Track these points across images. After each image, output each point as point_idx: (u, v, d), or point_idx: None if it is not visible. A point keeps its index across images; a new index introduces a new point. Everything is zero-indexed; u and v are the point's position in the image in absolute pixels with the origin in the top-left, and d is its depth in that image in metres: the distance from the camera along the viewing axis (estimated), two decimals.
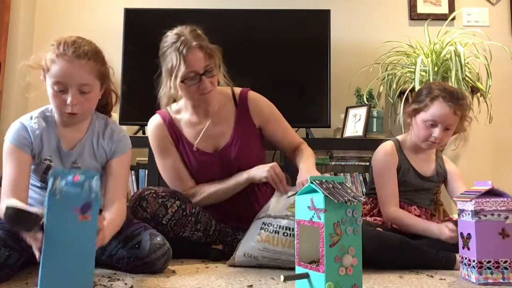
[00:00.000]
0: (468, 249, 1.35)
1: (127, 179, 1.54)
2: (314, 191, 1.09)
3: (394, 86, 2.74)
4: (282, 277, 1.07)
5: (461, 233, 1.39)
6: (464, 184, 1.78)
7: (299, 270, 1.11)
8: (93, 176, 1.09)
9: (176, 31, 1.66)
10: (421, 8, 3.05)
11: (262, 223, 1.54)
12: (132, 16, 2.81)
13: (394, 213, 1.70)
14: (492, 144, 3.00)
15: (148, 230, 1.42)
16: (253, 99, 1.80)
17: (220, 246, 1.70)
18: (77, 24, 2.96)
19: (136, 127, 2.77)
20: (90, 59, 1.34)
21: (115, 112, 2.71)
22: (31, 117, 1.43)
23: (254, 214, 1.63)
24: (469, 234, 1.35)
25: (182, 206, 1.64)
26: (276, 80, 2.79)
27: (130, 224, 1.44)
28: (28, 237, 1.07)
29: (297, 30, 2.82)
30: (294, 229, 1.49)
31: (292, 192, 1.57)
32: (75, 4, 3.04)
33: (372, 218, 1.76)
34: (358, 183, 2.67)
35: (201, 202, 1.72)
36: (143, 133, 2.73)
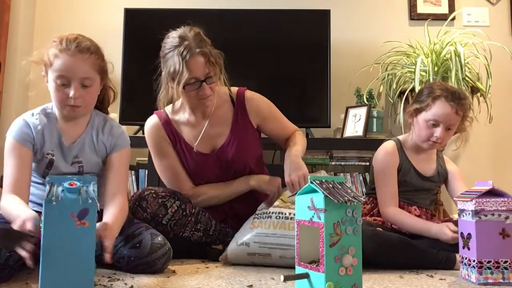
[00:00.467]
0: (468, 249, 1.35)
1: (127, 176, 1.55)
2: (314, 191, 1.09)
3: (394, 86, 2.74)
4: (282, 277, 1.07)
5: (461, 233, 1.39)
6: (465, 184, 1.78)
7: (299, 270, 1.11)
8: (90, 182, 1.09)
9: (180, 34, 1.63)
10: (421, 8, 3.05)
11: (255, 214, 1.61)
12: (132, 16, 2.81)
13: (393, 213, 1.70)
14: (492, 144, 3.00)
15: (149, 230, 1.42)
16: (250, 99, 1.79)
17: (220, 246, 1.70)
18: (77, 24, 2.96)
19: (136, 127, 2.77)
20: (92, 54, 1.38)
21: (115, 112, 2.71)
22: (33, 114, 1.46)
23: None
24: (469, 234, 1.35)
25: (182, 206, 1.64)
26: (276, 80, 2.79)
27: (131, 224, 1.44)
28: (18, 251, 1.10)
29: (297, 30, 2.82)
30: (287, 214, 1.55)
31: (290, 194, 1.60)
32: (75, 4, 3.04)
33: (372, 218, 1.76)
34: (358, 183, 2.67)
35: (201, 204, 1.73)
36: (143, 133, 2.72)
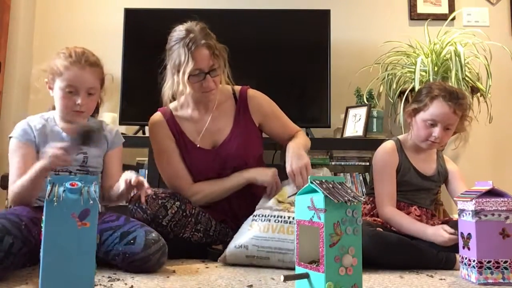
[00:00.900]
0: (468, 249, 1.35)
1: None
2: (314, 191, 1.09)
3: (394, 86, 2.74)
4: (282, 277, 1.07)
5: (461, 233, 1.39)
6: (465, 184, 1.78)
7: (299, 270, 1.11)
8: (91, 182, 1.09)
9: (186, 27, 1.68)
10: (421, 8, 3.05)
11: (253, 215, 1.59)
12: (132, 16, 2.81)
13: (389, 213, 1.69)
14: (492, 144, 3.00)
15: (144, 227, 1.43)
16: (253, 97, 1.83)
17: (220, 246, 1.70)
18: (77, 24, 2.96)
19: (136, 127, 2.77)
20: (98, 67, 1.56)
21: (115, 112, 2.71)
22: (33, 117, 1.57)
23: None
24: (469, 234, 1.35)
25: (182, 207, 1.64)
26: (276, 80, 2.79)
27: (127, 222, 1.46)
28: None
29: (297, 30, 2.83)
30: (286, 217, 1.53)
31: (292, 192, 1.59)
32: (75, 4, 3.04)
33: (372, 219, 1.75)
34: (358, 183, 2.67)
35: (200, 201, 1.73)
36: (143, 133, 2.73)
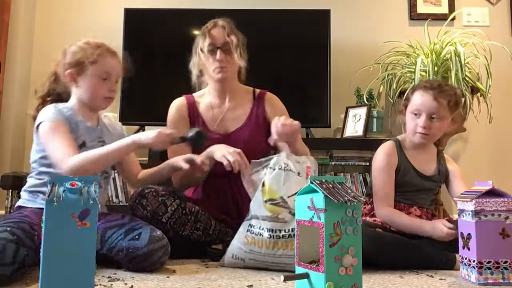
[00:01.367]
0: (468, 249, 1.35)
1: None
2: (314, 191, 1.09)
3: (394, 86, 2.74)
4: (282, 277, 1.07)
5: (461, 233, 1.39)
6: (465, 184, 1.77)
7: (299, 270, 1.11)
8: (91, 182, 1.09)
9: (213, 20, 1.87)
10: (421, 8, 3.06)
11: (249, 225, 1.51)
12: (132, 16, 2.81)
13: (386, 213, 1.69)
14: (492, 144, 3.00)
15: (149, 226, 1.46)
16: (270, 97, 1.96)
17: (220, 246, 1.70)
18: (77, 24, 2.97)
19: (136, 127, 2.77)
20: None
21: (115, 112, 2.71)
22: (53, 106, 1.58)
23: None
24: (469, 234, 1.35)
25: (182, 205, 1.64)
26: (276, 80, 2.79)
27: (133, 220, 1.49)
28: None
29: (297, 30, 2.83)
30: (278, 231, 1.46)
31: (293, 192, 1.57)
32: (75, 4, 3.05)
33: (372, 219, 1.75)
34: (358, 183, 2.67)
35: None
36: None
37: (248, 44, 2.77)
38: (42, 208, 1.41)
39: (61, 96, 1.64)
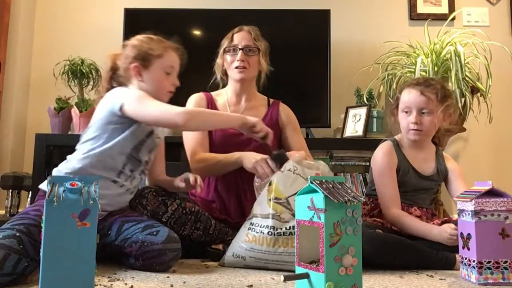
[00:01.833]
0: (468, 249, 1.35)
1: None
2: (314, 191, 1.09)
3: (394, 86, 2.74)
4: (282, 277, 1.07)
5: (461, 233, 1.39)
6: (465, 183, 1.77)
7: (299, 270, 1.11)
8: (91, 182, 1.09)
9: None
10: (421, 8, 3.06)
11: (250, 224, 1.53)
12: (132, 16, 2.81)
13: (395, 215, 1.68)
14: (492, 144, 3.00)
15: (168, 228, 1.48)
16: (284, 106, 2.05)
17: (220, 246, 1.70)
18: (77, 24, 2.96)
19: None
20: None
21: None
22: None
23: None
24: (469, 234, 1.35)
25: (182, 205, 1.64)
26: (276, 80, 2.78)
27: (152, 220, 1.51)
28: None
29: (297, 30, 2.83)
30: (279, 228, 1.48)
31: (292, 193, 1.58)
32: (75, 4, 3.04)
33: (372, 219, 1.75)
34: (358, 183, 2.67)
35: (204, 170, 1.81)
36: None
37: None
38: None
39: None
